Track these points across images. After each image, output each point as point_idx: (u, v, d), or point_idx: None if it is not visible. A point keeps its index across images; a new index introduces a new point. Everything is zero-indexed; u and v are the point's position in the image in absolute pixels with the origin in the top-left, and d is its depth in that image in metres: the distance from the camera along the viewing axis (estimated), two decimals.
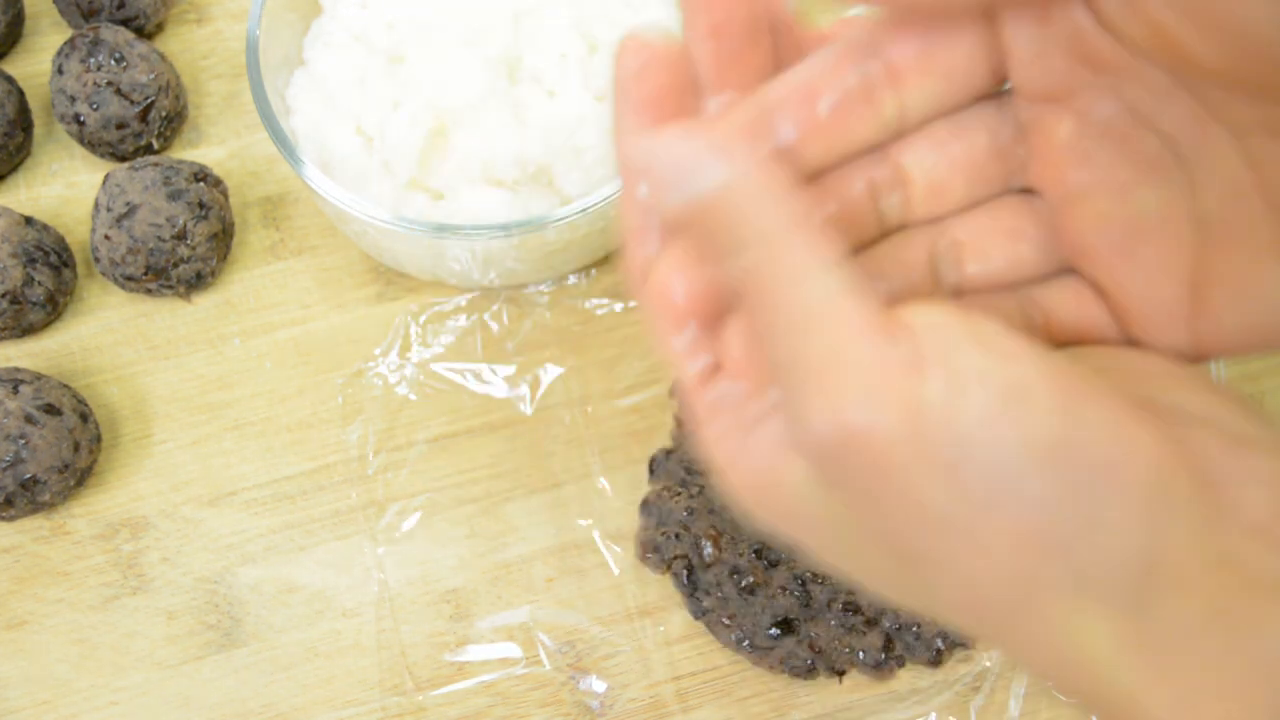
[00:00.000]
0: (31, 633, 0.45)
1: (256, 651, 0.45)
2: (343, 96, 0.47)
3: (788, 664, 0.43)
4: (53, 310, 0.48)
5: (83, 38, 0.49)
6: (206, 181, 0.48)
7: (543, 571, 0.46)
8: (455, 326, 0.49)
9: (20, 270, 0.46)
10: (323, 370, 0.49)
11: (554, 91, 0.47)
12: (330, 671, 0.45)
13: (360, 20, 0.48)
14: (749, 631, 0.43)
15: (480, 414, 0.48)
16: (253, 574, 0.46)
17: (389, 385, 0.49)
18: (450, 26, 0.47)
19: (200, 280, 0.49)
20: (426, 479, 0.47)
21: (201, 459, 0.48)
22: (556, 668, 0.45)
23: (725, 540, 0.44)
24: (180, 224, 0.47)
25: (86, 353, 0.50)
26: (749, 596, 0.43)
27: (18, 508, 0.44)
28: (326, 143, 0.47)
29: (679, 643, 0.45)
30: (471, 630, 0.45)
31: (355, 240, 0.49)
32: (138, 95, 0.49)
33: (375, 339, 0.50)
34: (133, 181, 0.47)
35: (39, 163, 0.53)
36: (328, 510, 0.47)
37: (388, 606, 0.46)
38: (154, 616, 0.46)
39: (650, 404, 0.48)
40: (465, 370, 0.49)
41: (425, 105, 0.46)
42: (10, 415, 0.44)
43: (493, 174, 0.46)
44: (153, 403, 0.49)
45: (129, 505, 0.47)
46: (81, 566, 0.46)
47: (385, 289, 0.51)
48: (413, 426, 0.48)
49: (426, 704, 0.44)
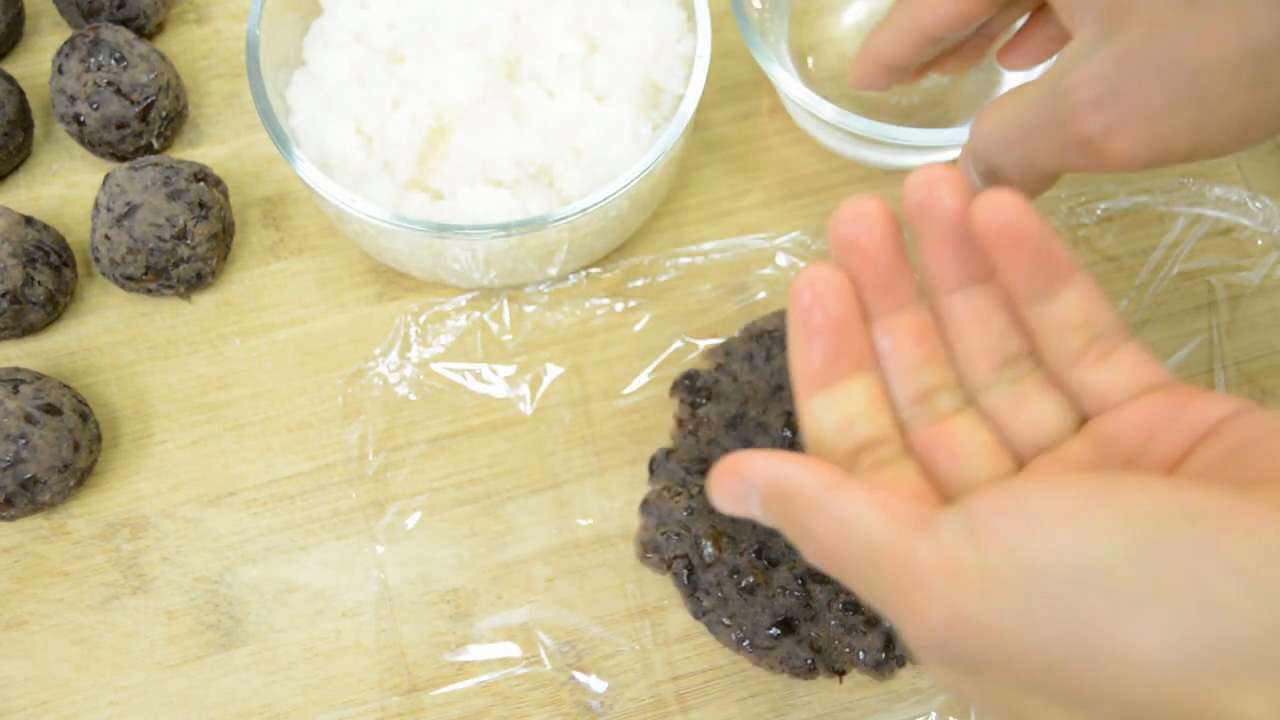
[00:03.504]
0: (31, 633, 0.45)
1: (256, 651, 0.45)
2: (342, 96, 0.47)
3: (788, 664, 0.43)
4: (53, 310, 0.48)
5: (83, 38, 0.49)
6: (206, 181, 0.48)
7: (543, 571, 0.46)
8: (455, 326, 0.49)
9: (20, 270, 0.46)
10: (323, 370, 0.49)
11: (554, 91, 0.47)
12: (330, 671, 0.45)
13: (360, 20, 0.48)
14: (749, 631, 0.43)
15: (480, 414, 0.48)
16: (253, 574, 0.46)
17: (389, 385, 0.49)
18: (450, 26, 0.47)
19: (200, 280, 0.49)
20: (426, 479, 0.47)
21: (201, 459, 0.48)
22: (556, 668, 0.45)
23: (725, 540, 0.44)
24: (180, 224, 0.47)
25: (86, 353, 0.50)
26: (749, 596, 0.43)
27: (18, 508, 0.44)
28: (326, 143, 0.47)
29: (679, 643, 0.45)
30: (471, 630, 0.45)
31: (355, 240, 0.49)
32: (138, 95, 0.49)
33: (375, 339, 0.50)
34: (133, 181, 0.47)
35: (39, 163, 0.53)
36: (328, 510, 0.47)
37: (388, 606, 0.46)
38: (154, 616, 0.46)
39: (650, 404, 0.48)
40: (465, 370, 0.49)
41: (425, 105, 0.46)
42: (10, 415, 0.44)
43: (493, 174, 0.46)
44: (153, 403, 0.49)
45: (129, 505, 0.47)
46: (81, 566, 0.46)
47: (385, 289, 0.51)
48: (413, 426, 0.48)
49: (426, 704, 0.44)
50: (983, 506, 0.24)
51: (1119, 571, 0.22)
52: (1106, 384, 0.30)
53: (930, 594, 0.24)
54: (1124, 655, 0.22)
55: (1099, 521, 0.23)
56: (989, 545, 0.24)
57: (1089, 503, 0.23)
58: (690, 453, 0.46)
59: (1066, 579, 0.22)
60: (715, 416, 0.47)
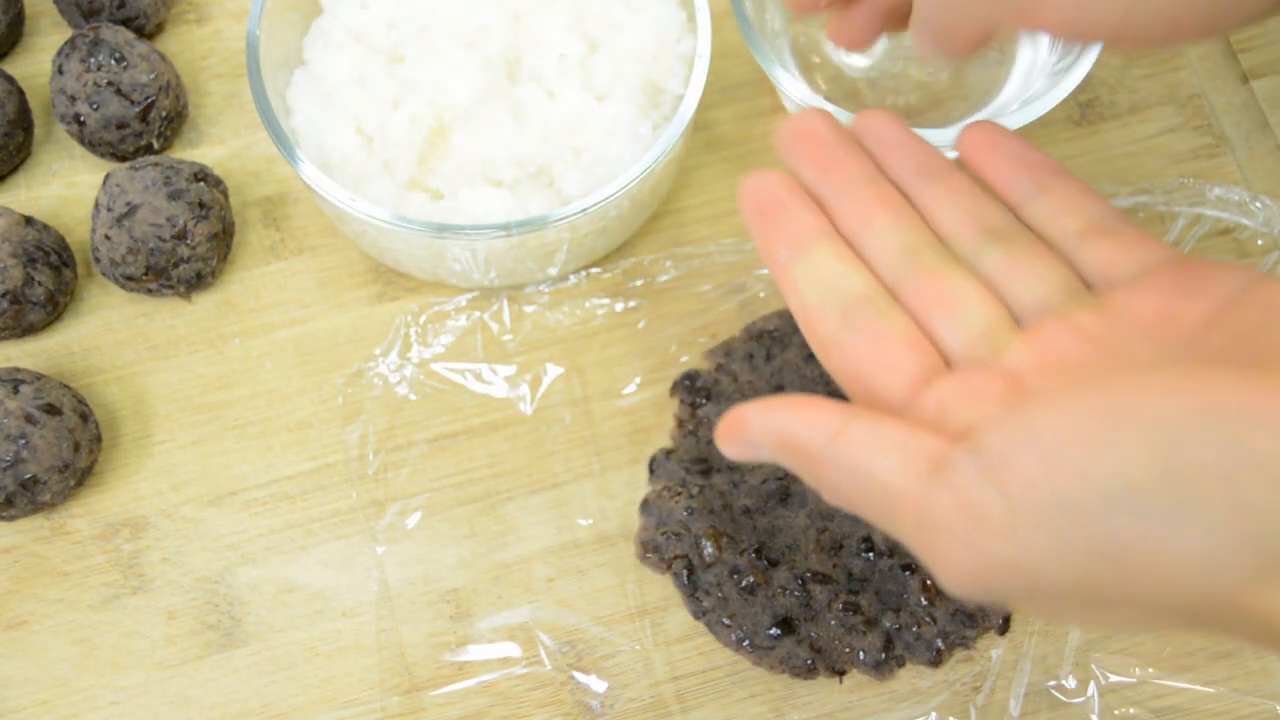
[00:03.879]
0: (31, 633, 0.45)
1: (256, 651, 0.45)
2: (342, 96, 0.47)
3: (788, 664, 0.43)
4: (53, 310, 0.48)
5: (83, 38, 0.49)
6: (206, 181, 0.48)
7: (543, 571, 0.46)
8: (455, 326, 0.49)
9: (20, 270, 0.46)
10: (323, 370, 0.49)
11: (554, 91, 0.47)
12: (330, 671, 0.45)
13: (360, 20, 0.48)
14: (749, 631, 0.43)
15: (480, 414, 0.48)
16: (253, 574, 0.46)
17: (389, 385, 0.49)
18: (450, 26, 0.47)
19: (200, 280, 0.49)
20: (426, 479, 0.47)
21: (201, 459, 0.48)
22: (556, 668, 0.45)
23: (725, 540, 0.44)
24: (180, 224, 0.47)
25: (86, 353, 0.50)
26: (749, 596, 0.43)
27: (18, 508, 0.44)
28: (326, 143, 0.47)
29: (679, 643, 0.45)
30: (471, 630, 0.45)
31: (355, 240, 0.49)
32: (138, 95, 0.49)
33: (375, 339, 0.50)
34: (133, 181, 0.47)
35: (39, 163, 0.53)
36: (328, 510, 0.47)
37: (388, 606, 0.46)
38: (154, 616, 0.46)
39: (650, 404, 0.48)
40: (465, 370, 0.49)
41: (425, 105, 0.46)
42: (10, 415, 0.44)
43: (493, 174, 0.46)
44: (153, 403, 0.49)
45: (129, 505, 0.47)
46: (81, 566, 0.46)
47: (385, 289, 0.51)
48: (413, 426, 0.48)
49: (426, 704, 0.44)
50: (996, 443, 0.24)
51: (1147, 490, 0.22)
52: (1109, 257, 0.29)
53: (955, 539, 0.24)
54: (1157, 568, 0.22)
55: (1119, 442, 0.22)
56: (1010, 484, 0.23)
57: (1106, 422, 0.22)
58: (690, 453, 0.46)
59: (1095, 507, 0.22)
60: (715, 416, 0.47)
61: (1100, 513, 0.22)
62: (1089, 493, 0.22)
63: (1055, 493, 0.22)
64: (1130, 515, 0.22)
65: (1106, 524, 0.22)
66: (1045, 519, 0.23)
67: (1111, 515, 0.22)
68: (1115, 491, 0.22)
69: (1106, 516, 0.22)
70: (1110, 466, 0.22)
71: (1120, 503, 0.22)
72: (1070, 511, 0.22)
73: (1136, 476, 0.22)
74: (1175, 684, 0.44)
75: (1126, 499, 0.22)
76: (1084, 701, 0.43)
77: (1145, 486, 0.22)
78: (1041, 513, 0.23)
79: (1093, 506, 0.22)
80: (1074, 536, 0.22)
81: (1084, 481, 0.22)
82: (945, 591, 0.26)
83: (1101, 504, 0.22)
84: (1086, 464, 0.22)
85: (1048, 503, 0.23)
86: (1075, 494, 0.22)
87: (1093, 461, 0.22)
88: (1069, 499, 0.22)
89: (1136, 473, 0.22)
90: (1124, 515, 0.22)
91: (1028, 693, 0.44)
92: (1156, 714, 0.43)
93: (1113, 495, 0.22)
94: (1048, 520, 0.23)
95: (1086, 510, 0.22)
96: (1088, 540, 0.22)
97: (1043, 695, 0.44)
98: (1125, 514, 0.22)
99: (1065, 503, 0.22)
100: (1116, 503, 0.22)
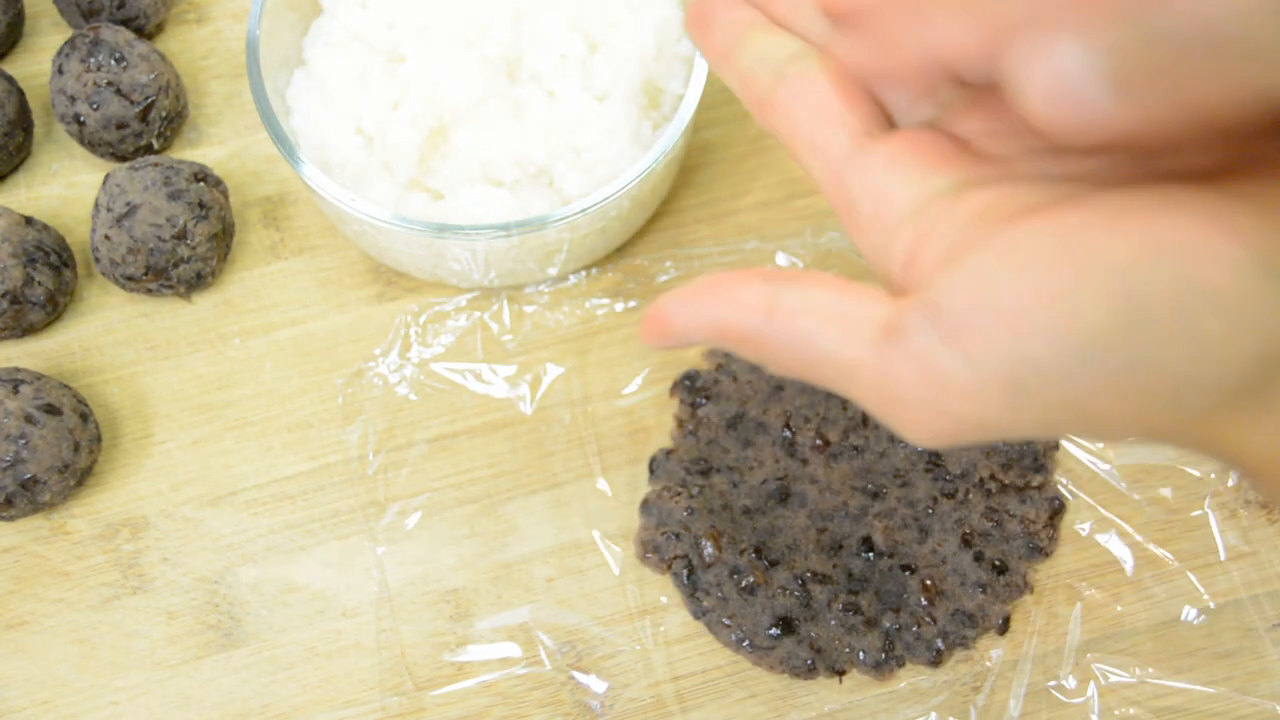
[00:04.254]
0: (31, 633, 0.45)
1: (256, 651, 0.45)
2: (342, 96, 0.47)
3: (788, 664, 0.43)
4: (53, 310, 0.48)
5: (83, 38, 0.49)
6: (206, 181, 0.48)
7: (543, 571, 0.46)
8: (455, 326, 0.49)
9: (20, 270, 0.46)
10: (323, 370, 0.49)
11: (554, 91, 0.47)
12: (330, 671, 0.45)
13: (360, 20, 0.48)
14: (749, 631, 0.43)
15: (480, 414, 0.48)
16: (253, 574, 0.46)
17: (389, 385, 0.49)
18: (450, 26, 0.47)
19: (200, 280, 0.49)
20: (426, 479, 0.47)
21: (201, 459, 0.48)
22: (556, 668, 0.45)
23: (725, 540, 0.44)
24: (180, 224, 0.47)
25: (86, 353, 0.50)
26: (749, 596, 0.43)
27: (18, 508, 0.44)
28: (326, 143, 0.47)
29: (679, 643, 0.45)
30: (471, 630, 0.45)
31: (355, 240, 0.49)
32: (138, 95, 0.49)
33: (375, 339, 0.50)
34: (133, 181, 0.47)
35: (39, 163, 0.53)
36: (328, 510, 0.47)
37: (388, 606, 0.46)
38: (154, 616, 0.46)
39: (650, 404, 0.48)
40: (465, 370, 0.49)
41: (425, 105, 0.46)
42: (10, 415, 0.44)
43: (493, 174, 0.46)
44: (153, 403, 0.49)
45: (129, 505, 0.47)
46: (81, 566, 0.46)
47: (385, 289, 0.51)
48: (413, 426, 0.48)
49: (426, 704, 0.44)
50: (954, 303, 0.23)
51: (1112, 342, 0.22)
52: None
53: (920, 405, 0.24)
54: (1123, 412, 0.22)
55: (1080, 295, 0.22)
56: (972, 346, 0.23)
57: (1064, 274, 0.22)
58: (690, 453, 0.46)
59: (1063, 364, 0.22)
60: (715, 416, 0.47)
61: (1069, 369, 0.22)
62: (1056, 351, 0.22)
63: (1021, 353, 0.22)
64: (1098, 368, 0.22)
65: (1074, 380, 0.22)
66: (1012, 379, 0.22)
67: (1080, 371, 0.22)
68: (1082, 348, 0.22)
69: (1075, 373, 0.22)
70: (1075, 322, 0.22)
71: (1088, 359, 0.22)
72: (1038, 369, 0.22)
73: (1102, 330, 0.22)
74: (1175, 684, 0.44)
75: (1093, 354, 0.22)
76: (1084, 701, 0.43)
77: (1110, 341, 0.22)
78: (1008, 373, 0.22)
79: (1061, 364, 0.22)
80: (1042, 393, 0.22)
81: (1051, 341, 0.22)
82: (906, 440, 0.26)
83: (1070, 361, 0.22)
84: (1051, 321, 0.22)
85: (1014, 363, 0.22)
86: (1041, 352, 0.22)
87: (1057, 319, 0.22)
88: (1035, 356, 0.22)
89: (1101, 326, 0.22)
90: (1092, 369, 0.22)
91: (1028, 693, 0.44)
92: (1156, 714, 0.43)
93: (1080, 352, 0.22)
94: (1015, 380, 0.22)
95: (1055, 368, 0.22)
96: (1056, 395, 0.22)
97: (1043, 695, 0.44)
98: (1093, 368, 0.22)
99: (1031, 360, 0.22)
100: (1084, 360, 0.22)
